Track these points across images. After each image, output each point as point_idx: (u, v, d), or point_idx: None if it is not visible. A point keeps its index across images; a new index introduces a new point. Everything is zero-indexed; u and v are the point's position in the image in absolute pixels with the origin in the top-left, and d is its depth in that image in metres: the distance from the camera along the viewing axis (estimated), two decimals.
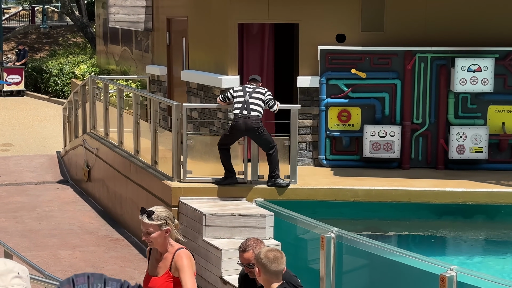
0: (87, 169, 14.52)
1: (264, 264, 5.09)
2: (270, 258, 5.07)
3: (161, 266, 5.39)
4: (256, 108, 10.17)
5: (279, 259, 5.10)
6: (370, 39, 12.02)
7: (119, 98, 13.03)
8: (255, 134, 10.16)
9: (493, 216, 10.84)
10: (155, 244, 5.33)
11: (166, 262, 5.37)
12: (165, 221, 5.33)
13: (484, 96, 11.73)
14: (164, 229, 5.31)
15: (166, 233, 5.33)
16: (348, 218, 10.83)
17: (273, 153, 10.23)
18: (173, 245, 5.41)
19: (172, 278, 5.34)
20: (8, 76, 26.99)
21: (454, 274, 7.19)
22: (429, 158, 11.95)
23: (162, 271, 5.38)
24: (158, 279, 5.37)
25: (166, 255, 5.38)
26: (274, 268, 5.06)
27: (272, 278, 5.10)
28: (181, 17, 14.05)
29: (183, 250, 5.37)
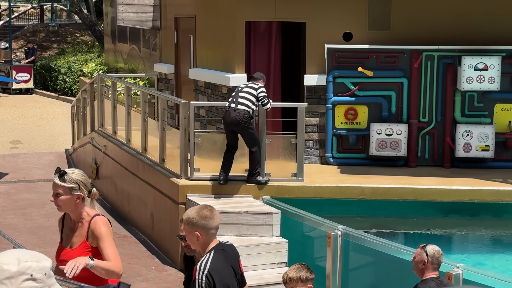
0: (95, 167, 14.54)
1: (202, 224, 4.71)
2: (206, 215, 4.70)
3: (77, 235, 4.88)
4: (243, 102, 10.13)
5: (214, 212, 4.76)
6: (377, 38, 12.00)
7: (127, 96, 13.04)
8: (239, 127, 10.14)
9: (499, 214, 10.81)
10: (63, 209, 4.84)
11: (82, 231, 4.86)
12: (78, 186, 4.80)
13: (491, 95, 11.70)
14: (76, 194, 4.79)
15: (77, 199, 4.80)
16: (354, 216, 10.82)
17: (255, 151, 10.17)
18: (89, 212, 4.89)
19: (90, 248, 4.82)
20: (17, 74, 27.06)
21: (461, 272, 7.18)
22: (436, 156, 11.92)
23: (78, 241, 4.86)
24: (73, 251, 4.83)
25: (81, 224, 4.87)
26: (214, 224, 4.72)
27: (211, 237, 4.76)
28: (188, 16, 14.05)
29: (99, 216, 4.86)
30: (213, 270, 4.67)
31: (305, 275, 5.48)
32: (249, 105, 10.11)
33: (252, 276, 9.10)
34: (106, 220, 4.92)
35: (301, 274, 5.47)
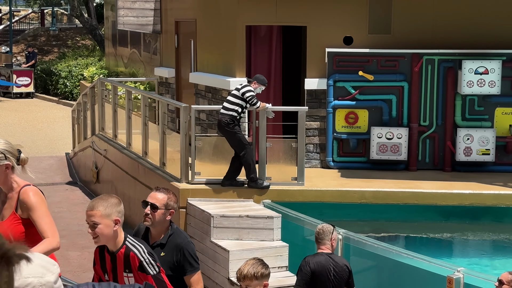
0: (96, 171, 14.55)
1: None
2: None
3: (7, 207, 4.67)
4: (226, 106, 10.16)
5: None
6: (377, 42, 12.01)
7: (128, 100, 13.05)
8: (224, 131, 10.20)
9: (500, 218, 10.81)
10: None
11: (12, 202, 4.64)
12: (4, 155, 4.54)
13: (491, 98, 11.70)
14: (3, 164, 4.54)
15: (6, 169, 4.56)
16: (355, 220, 10.82)
17: (243, 155, 10.14)
18: (19, 182, 4.65)
19: (20, 220, 4.60)
20: (17, 78, 27.08)
21: (461, 276, 7.18)
22: (436, 160, 11.92)
23: (8, 213, 4.65)
24: (3, 223, 4.60)
25: (11, 195, 4.64)
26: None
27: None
28: (189, 20, 14.07)
29: (29, 186, 4.65)
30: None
31: (261, 271, 5.07)
32: (233, 108, 10.10)
33: None
34: (37, 189, 4.68)
35: (256, 271, 5.04)
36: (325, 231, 6.71)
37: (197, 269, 5.18)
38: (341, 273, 6.57)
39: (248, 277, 5.03)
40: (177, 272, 5.11)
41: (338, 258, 6.78)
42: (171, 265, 5.10)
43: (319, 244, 6.71)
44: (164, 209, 5.15)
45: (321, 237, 6.70)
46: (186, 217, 10.33)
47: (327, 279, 6.49)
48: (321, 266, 6.50)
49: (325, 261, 6.54)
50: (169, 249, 5.14)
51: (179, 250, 5.10)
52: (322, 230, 6.71)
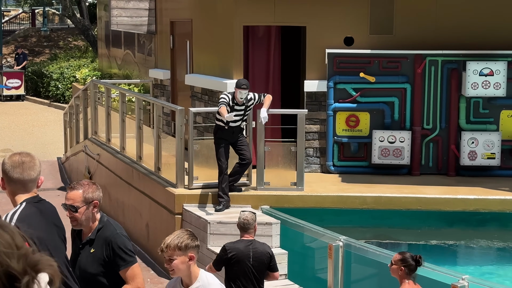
0: (89, 176, 14.53)
1: (6, 170, 4.45)
2: (14, 161, 4.43)
3: None
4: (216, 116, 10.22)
5: (25, 163, 4.44)
6: (379, 42, 12.02)
7: (122, 103, 13.05)
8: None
9: (506, 224, 10.81)
10: None
11: None
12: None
13: (497, 101, 11.71)
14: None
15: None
16: (356, 226, 10.81)
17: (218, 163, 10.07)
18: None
19: None
20: (7, 80, 27.07)
21: (466, 284, 7.17)
22: (440, 165, 11.93)
23: None
24: None
25: None
26: (16, 174, 4.44)
27: (17, 189, 4.50)
28: (185, 20, 14.07)
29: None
30: (22, 221, 4.40)
31: (186, 242, 4.71)
32: (219, 117, 10.11)
33: None
34: None
35: (180, 241, 4.70)
36: (250, 220, 7.21)
37: (131, 262, 4.94)
38: (261, 258, 7.03)
39: (171, 247, 4.69)
40: (109, 268, 4.89)
41: (259, 244, 7.21)
42: (101, 262, 4.89)
43: (244, 232, 7.19)
44: (84, 205, 4.90)
45: (247, 226, 7.20)
46: (182, 224, 10.32)
47: (246, 264, 6.97)
48: (240, 252, 7.00)
49: (245, 247, 7.05)
50: (98, 244, 4.93)
51: (107, 244, 4.90)
52: (248, 220, 7.19)
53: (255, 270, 7.01)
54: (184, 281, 4.82)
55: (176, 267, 4.71)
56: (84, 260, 4.96)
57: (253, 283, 7.00)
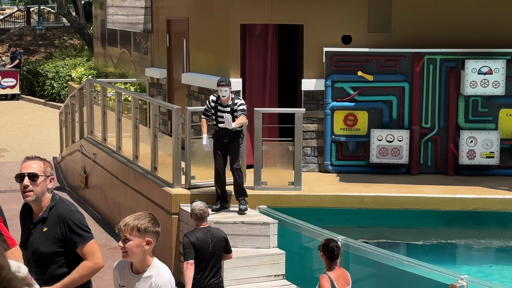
0: (85, 175, 14.53)
1: None
2: None
3: None
4: None
5: None
6: (377, 41, 12.03)
7: (118, 102, 13.04)
8: None
9: (505, 223, 10.83)
10: None
11: None
12: None
13: (495, 99, 11.73)
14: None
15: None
16: (355, 226, 10.83)
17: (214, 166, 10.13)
18: None
19: None
20: (2, 79, 27.04)
21: (465, 284, 7.18)
22: (439, 164, 11.94)
23: None
24: None
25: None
26: None
27: None
28: (181, 18, 14.07)
29: None
30: None
31: (145, 225, 4.47)
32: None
33: None
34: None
35: (140, 223, 4.46)
36: (205, 209, 7.86)
37: (88, 238, 4.86)
38: (219, 243, 7.76)
39: (129, 227, 4.45)
40: (66, 247, 4.84)
41: (215, 230, 7.92)
42: (56, 240, 4.83)
43: (201, 222, 7.82)
44: (44, 177, 4.86)
45: (203, 216, 7.84)
46: (179, 223, 10.32)
47: (208, 250, 7.66)
48: (201, 240, 7.66)
49: (204, 234, 7.72)
50: (52, 222, 4.87)
51: (62, 222, 4.82)
52: (203, 210, 7.83)
53: (215, 253, 7.72)
54: (135, 267, 4.56)
55: (130, 250, 4.46)
56: (37, 239, 4.89)
57: (213, 266, 7.71)
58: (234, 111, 9.81)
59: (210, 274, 7.71)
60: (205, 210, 7.84)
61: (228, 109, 9.83)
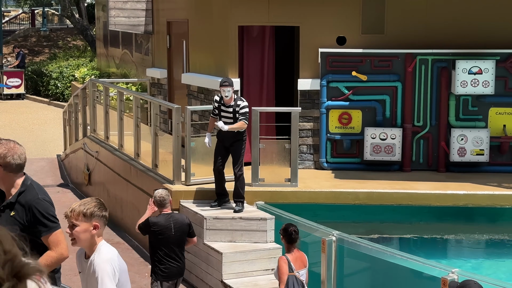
0: (88, 173, 14.52)
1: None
2: None
3: None
4: None
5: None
6: (370, 42, 12.02)
7: (120, 101, 13.04)
8: None
9: (495, 219, 10.83)
10: None
11: None
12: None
13: (485, 99, 11.73)
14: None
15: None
16: (349, 221, 10.83)
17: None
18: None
19: None
20: (8, 79, 27.00)
21: (456, 277, 7.19)
22: (430, 161, 11.95)
23: None
24: None
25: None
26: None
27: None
28: (181, 20, 14.06)
29: None
30: None
31: (91, 210, 4.36)
32: None
33: (246, 283, 9.11)
34: None
35: (86, 208, 4.36)
36: (166, 196, 8.08)
37: (53, 228, 4.76)
38: (182, 228, 8.01)
39: (75, 212, 4.36)
40: (31, 233, 4.66)
41: (178, 215, 8.22)
42: (21, 226, 4.69)
43: (162, 208, 8.05)
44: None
45: (163, 203, 8.05)
46: None
47: (169, 235, 7.92)
48: (162, 225, 7.91)
49: (166, 220, 7.97)
50: (19, 208, 4.74)
51: (28, 210, 4.71)
52: (163, 197, 8.05)
53: (177, 238, 7.97)
54: (87, 253, 4.51)
55: (77, 236, 4.39)
56: (4, 223, 4.73)
57: (175, 250, 7.98)
58: (236, 112, 9.65)
59: (173, 258, 7.96)
60: (166, 197, 8.07)
61: (231, 109, 9.67)
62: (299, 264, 7.55)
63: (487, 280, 7.63)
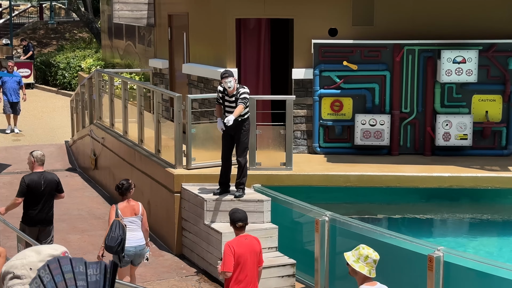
0: (94, 158, 14.51)
1: None
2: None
3: None
4: None
5: None
6: (361, 33, 12.00)
7: (124, 90, 13.01)
8: None
9: (477, 199, 10.86)
10: None
11: None
12: None
13: (469, 86, 11.73)
14: None
15: None
16: (341, 202, 10.85)
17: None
18: None
19: None
20: (18, 69, 26.89)
21: (441, 255, 7.22)
22: (417, 145, 11.96)
23: None
24: None
25: None
26: None
27: None
28: (181, 13, 14.01)
29: None
30: None
31: None
32: None
33: None
34: None
35: None
36: (42, 157, 8.96)
37: None
38: (51, 185, 8.94)
39: None
40: None
41: (49, 174, 9.11)
42: None
43: (40, 166, 8.93)
44: None
45: (41, 162, 8.94)
46: (181, 201, 10.33)
47: (40, 190, 8.86)
48: (34, 182, 8.83)
49: (38, 177, 8.89)
50: None
51: None
52: (39, 158, 8.94)
53: (47, 193, 8.90)
54: None
55: None
56: None
57: (44, 203, 8.91)
58: (237, 99, 9.30)
59: (42, 209, 8.91)
60: (42, 158, 8.96)
61: (233, 98, 9.31)
62: (128, 211, 8.29)
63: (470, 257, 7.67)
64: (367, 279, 5.39)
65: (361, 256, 5.40)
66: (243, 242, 7.26)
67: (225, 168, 9.74)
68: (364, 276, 5.37)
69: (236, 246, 7.18)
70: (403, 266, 8.29)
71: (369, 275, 5.36)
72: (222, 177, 9.83)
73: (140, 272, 9.31)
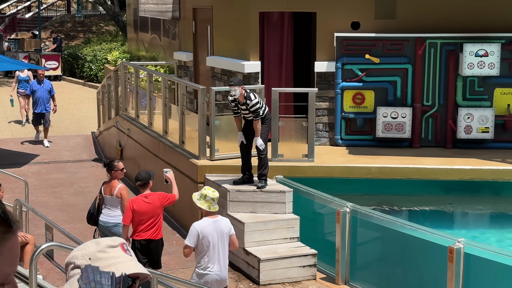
0: (120, 148, 14.60)
1: None
2: None
3: None
4: None
5: None
6: (383, 26, 11.92)
7: (149, 83, 13.06)
8: None
9: (498, 192, 10.78)
10: None
11: None
12: None
13: (491, 79, 11.62)
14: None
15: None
16: (362, 194, 10.82)
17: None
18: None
19: None
20: (46, 62, 27.11)
21: (462, 246, 7.18)
22: (438, 138, 11.88)
23: None
24: None
25: None
26: None
27: None
28: (206, 7, 14.01)
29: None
30: None
31: None
32: None
33: (266, 250, 9.15)
34: None
35: None
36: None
37: None
38: None
39: None
40: None
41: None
42: None
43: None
44: None
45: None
46: None
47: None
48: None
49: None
50: None
51: None
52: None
53: None
54: None
55: None
56: None
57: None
58: (250, 109, 9.34)
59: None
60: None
61: (244, 106, 9.36)
62: (108, 190, 8.75)
63: (490, 248, 7.61)
64: (209, 213, 6.97)
65: (202, 195, 6.97)
66: (143, 201, 8.16)
67: (245, 157, 9.74)
68: (206, 211, 6.94)
69: (136, 204, 8.09)
70: (424, 258, 8.26)
71: (209, 210, 6.94)
72: (243, 166, 9.86)
73: (164, 261, 9.36)
